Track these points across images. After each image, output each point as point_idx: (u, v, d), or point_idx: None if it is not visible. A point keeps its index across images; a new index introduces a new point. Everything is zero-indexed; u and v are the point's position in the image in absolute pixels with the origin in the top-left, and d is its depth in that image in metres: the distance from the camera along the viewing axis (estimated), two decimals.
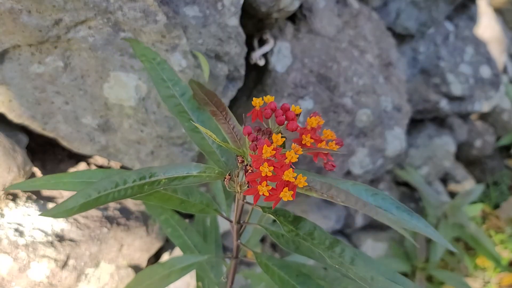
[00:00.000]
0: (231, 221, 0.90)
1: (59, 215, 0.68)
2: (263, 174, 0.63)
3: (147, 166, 0.73)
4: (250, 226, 0.94)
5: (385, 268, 0.83)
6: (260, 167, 0.63)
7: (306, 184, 0.65)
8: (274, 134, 0.66)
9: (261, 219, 0.90)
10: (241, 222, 0.89)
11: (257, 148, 0.66)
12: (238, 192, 0.72)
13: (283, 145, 0.79)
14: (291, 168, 0.64)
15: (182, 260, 1.02)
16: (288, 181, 0.63)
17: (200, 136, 0.85)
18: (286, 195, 0.64)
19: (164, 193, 0.86)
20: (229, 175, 0.72)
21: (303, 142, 0.73)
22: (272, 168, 0.63)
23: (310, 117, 0.75)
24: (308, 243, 0.71)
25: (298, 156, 0.65)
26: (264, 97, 0.75)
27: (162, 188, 0.71)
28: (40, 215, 0.71)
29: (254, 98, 0.75)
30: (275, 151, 0.64)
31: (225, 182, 0.72)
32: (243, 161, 0.71)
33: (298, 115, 0.77)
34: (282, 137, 0.75)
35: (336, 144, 0.75)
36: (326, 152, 0.73)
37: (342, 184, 0.75)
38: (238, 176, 0.71)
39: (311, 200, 2.03)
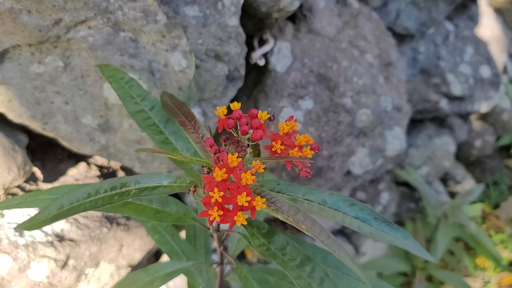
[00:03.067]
0: (208, 229, 0.88)
1: (33, 227, 0.68)
2: (212, 200, 0.61)
3: (121, 176, 0.72)
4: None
5: (369, 276, 0.81)
6: (210, 192, 0.61)
7: (264, 206, 0.63)
8: (230, 153, 0.64)
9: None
10: (221, 230, 0.87)
11: (219, 161, 0.64)
12: None
13: (257, 152, 0.77)
14: (245, 192, 0.61)
15: (166, 266, 1.01)
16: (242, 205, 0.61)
17: (170, 147, 0.84)
18: (239, 219, 0.61)
19: (139, 204, 0.84)
20: (194, 186, 0.70)
21: (273, 150, 0.70)
22: (222, 193, 0.61)
23: (285, 122, 0.72)
24: (278, 260, 0.69)
25: (254, 177, 0.62)
26: (230, 104, 0.73)
27: (132, 198, 0.70)
28: (14, 228, 0.70)
29: (217, 107, 0.73)
30: (226, 174, 0.61)
31: (190, 194, 0.70)
32: (209, 172, 0.69)
33: (270, 119, 0.73)
34: (255, 143, 0.71)
35: (312, 149, 0.71)
36: (296, 160, 0.70)
37: (319, 194, 0.73)
38: (204, 188, 0.69)
39: None
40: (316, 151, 0.72)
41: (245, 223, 0.62)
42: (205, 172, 0.68)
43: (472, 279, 2.63)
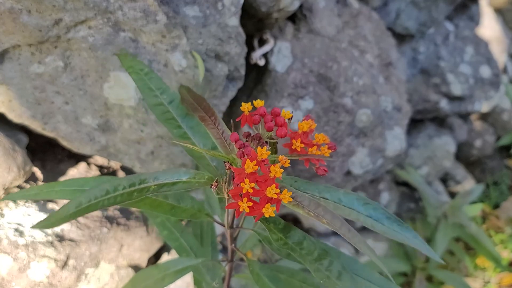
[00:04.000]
0: (223, 226, 0.89)
1: (52, 225, 0.69)
2: (243, 191, 0.62)
3: (139, 173, 0.73)
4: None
5: (378, 277, 0.82)
6: (241, 183, 0.62)
7: (291, 199, 0.64)
8: (259, 147, 0.65)
9: (255, 224, 0.89)
10: (234, 226, 0.88)
11: (244, 155, 0.65)
12: (226, 199, 0.71)
13: (275, 150, 0.78)
14: (274, 184, 0.62)
15: (176, 263, 1.02)
16: (271, 197, 0.62)
17: (189, 141, 0.85)
18: (268, 211, 0.62)
19: (155, 199, 0.85)
20: (216, 182, 0.71)
21: (293, 147, 0.71)
22: (253, 184, 0.62)
23: (302, 121, 0.73)
24: (296, 254, 0.70)
25: (286, 167, 0.63)
26: (254, 101, 0.74)
27: (151, 194, 0.70)
28: (31, 227, 0.71)
29: (242, 103, 0.74)
30: (257, 166, 0.62)
31: (212, 189, 0.70)
32: (230, 167, 0.70)
33: (290, 119, 0.75)
34: (273, 141, 0.73)
35: (328, 148, 0.73)
36: (316, 157, 0.72)
37: (334, 192, 0.74)
38: (226, 183, 0.71)
39: None
40: (333, 150, 0.74)
41: (273, 215, 0.63)
42: (226, 168, 0.69)
43: (472, 279, 2.63)
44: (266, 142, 0.72)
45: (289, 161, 0.65)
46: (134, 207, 0.84)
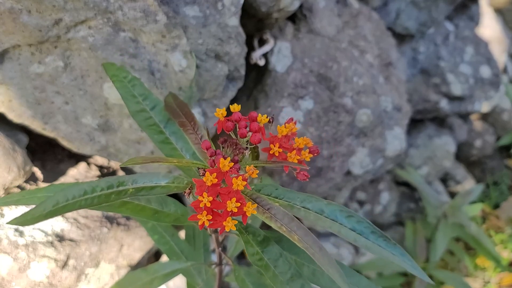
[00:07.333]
0: (206, 229, 0.89)
1: (27, 223, 0.66)
2: (201, 205, 0.60)
3: (118, 175, 0.72)
4: None
5: (366, 283, 0.79)
6: (199, 196, 0.60)
7: (255, 212, 0.63)
8: (222, 158, 0.63)
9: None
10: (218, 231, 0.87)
11: (215, 164, 0.63)
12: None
13: (256, 154, 0.75)
14: (235, 197, 0.61)
15: (165, 266, 1.01)
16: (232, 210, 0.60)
17: (170, 147, 0.84)
18: (228, 224, 0.60)
19: (137, 203, 0.83)
20: (189, 188, 0.69)
21: (271, 152, 0.69)
22: (211, 198, 0.60)
23: (284, 124, 0.71)
24: (270, 273, 0.68)
25: (245, 183, 0.61)
26: (230, 105, 0.72)
27: (130, 198, 0.69)
28: (7, 223, 0.69)
29: (217, 109, 0.72)
30: (217, 179, 0.61)
31: (185, 195, 0.69)
32: (204, 174, 0.68)
33: (270, 121, 0.73)
34: (252, 146, 0.70)
35: (310, 152, 0.70)
36: (296, 161, 0.69)
37: (317, 202, 0.72)
38: (189, 194, 0.69)
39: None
40: (315, 154, 0.71)
41: (234, 228, 0.61)
42: (200, 174, 0.67)
43: (472, 279, 2.63)
44: (247, 147, 0.70)
45: (257, 171, 0.63)
46: (116, 212, 0.82)
